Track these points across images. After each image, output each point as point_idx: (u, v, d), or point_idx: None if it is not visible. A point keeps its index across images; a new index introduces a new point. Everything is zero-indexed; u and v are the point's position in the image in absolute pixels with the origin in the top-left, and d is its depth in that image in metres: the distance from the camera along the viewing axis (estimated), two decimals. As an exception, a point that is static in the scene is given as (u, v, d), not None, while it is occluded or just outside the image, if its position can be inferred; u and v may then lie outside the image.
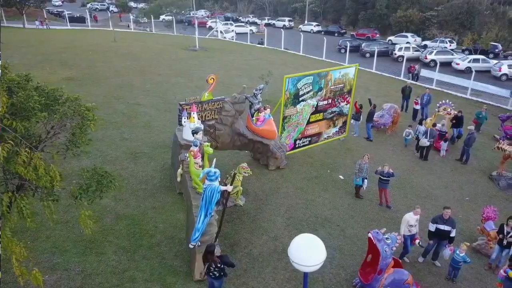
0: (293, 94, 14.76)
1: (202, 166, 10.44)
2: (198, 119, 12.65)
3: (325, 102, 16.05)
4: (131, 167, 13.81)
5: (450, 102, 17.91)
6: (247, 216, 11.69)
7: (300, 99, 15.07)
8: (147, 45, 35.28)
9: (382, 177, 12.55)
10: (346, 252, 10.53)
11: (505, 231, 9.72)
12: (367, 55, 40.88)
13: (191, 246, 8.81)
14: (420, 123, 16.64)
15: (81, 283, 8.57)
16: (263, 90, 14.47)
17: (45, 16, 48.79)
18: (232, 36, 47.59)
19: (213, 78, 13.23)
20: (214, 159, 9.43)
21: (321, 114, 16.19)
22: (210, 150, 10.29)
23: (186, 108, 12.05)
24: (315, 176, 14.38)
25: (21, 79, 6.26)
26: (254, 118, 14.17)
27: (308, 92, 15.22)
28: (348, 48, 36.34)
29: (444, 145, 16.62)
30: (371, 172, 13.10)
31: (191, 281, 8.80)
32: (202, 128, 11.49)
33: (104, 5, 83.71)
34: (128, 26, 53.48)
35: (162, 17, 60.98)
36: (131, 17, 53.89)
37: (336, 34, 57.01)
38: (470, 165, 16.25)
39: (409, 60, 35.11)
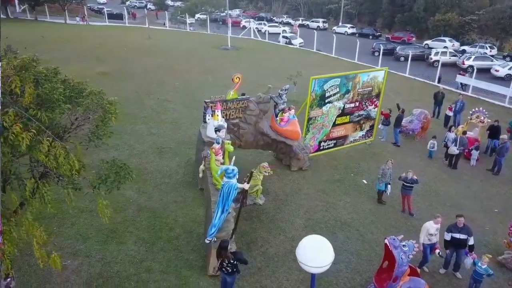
0: (319, 96, 14.70)
1: (223, 163, 10.57)
2: (222, 117, 12.83)
3: (352, 105, 15.88)
4: (156, 161, 14.16)
5: (484, 110, 17.28)
6: (265, 215, 11.75)
7: (326, 100, 14.98)
8: (180, 43, 35.96)
9: (405, 184, 12.30)
10: (363, 257, 10.39)
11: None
12: (402, 58, 39.94)
13: (207, 241, 8.96)
14: (450, 130, 16.14)
15: (100, 270, 8.89)
16: (288, 91, 14.45)
17: (86, 13, 50.56)
18: (301, 43, 43.65)
19: (239, 77, 13.37)
20: (234, 157, 9.56)
21: (348, 117, 16.02)
22: (231, 147, 10.41)
23: (211, 106, 12.24)
24: (337, 179, 14.25)
25: (49, 72, 6.56)
26: (278, 118, 14.20)
27: (334, 94, 15.11)
28: (381, 51, 35.57)
29: (475, 153, 16.06)
30: (395, 178, 12.86)
31: (205, 276, 8.95)
32: (225, 126, 11.63)
33: (142, 2, 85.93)
34: (164, 24, 54.69)
35: (197, 15, 62.02)
36: (166, 15, 54.92)
37: (370, 37, 56.00)
38: (503, 176, 15.62)
39: (446, 65, 34.20)
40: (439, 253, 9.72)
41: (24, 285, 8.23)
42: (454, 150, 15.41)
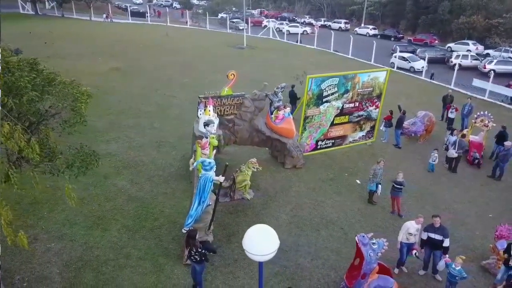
0: (316, 95, 14.74)
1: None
2: (216, 112, 13.10)
3: (352, 105, 15.83)
4: (153, 154, 14.56)
5: (489, 114, 16.88)
6: (252, 210, 11.94)
7: (324, 100, 15.01)
8: (197, 41, 36.51)
9: (395, 185, 12.24)
10: (343, 255, 10.42)
11: (511, 252, 9.15)
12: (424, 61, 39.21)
13: (183, 231, 9.24)
14: (451, 133, 15.87)
15: (81, 254, 9.31)
16: (284, 89, 14.58)
17: (110, 11, 51.93)
18: (423, 66, 33.50)
19: (233, 74, 13.59)
20: (214, 151, 9.79)
21: (347, 116, 15.98)
22: (215, 141, 10.66)
23: (203, 101, 12.52)
24: (330, 178, 14.29)
25: (23, 62, 6.94)
26: (273, 116, 14.35)
27: (332, 94, 15.11)
28: (397, 53, 35.06)
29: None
30: (387, 178, 12.81)
31: (181, 264, 9.22)
32: (214, 121, 11.88)
33: (169, 1, 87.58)
34: (187, 22, 55.60)
35: (220, 14, 62.76)
36: (187, 13, 55.80)
37: (392, 39, 55.12)
38: (505, 182, 15.24)
39: (468, 69, 33.57)
40: (415, 253, 9.67)
41: (7, 264, 8.70)
42: (452, 153, 15.17)
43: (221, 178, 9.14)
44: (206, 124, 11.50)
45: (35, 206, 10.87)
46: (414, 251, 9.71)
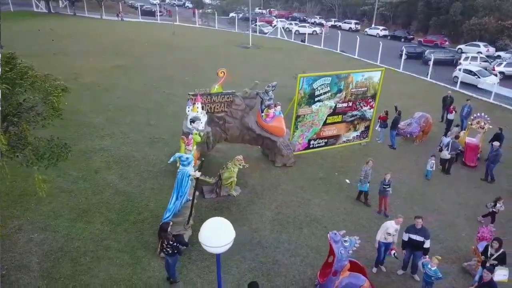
0: (308, 94, 14.79)
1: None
2: (205, 109, 13.27)
3: (345, 104, 15.83)
4: (145, 150, 14.78)
5: (486, 116, 16.68)
6: (237, 206, 12.05)
7: (316, 99, 15.04)
8: (203, 41, 36.77)
9: (384, 185, 12.20)
10: (322, 253, 10.41)
11: (489, 253, 9.08)
12: (430, 62, 38.80)
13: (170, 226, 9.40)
14: (445, 134, 15.72)
15: (62, 245, 9.55)
16: (275, 88, 14.65)
17: (121, 9, 52.60)
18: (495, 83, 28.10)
19: (223, 72, 13.73)
20: (194, 147, 9.94)
21: (340, 116, 15.99)
22: (198, 138, 10.81)
23: (191, 98, 12.67)
24: (320, 177, 14.31)
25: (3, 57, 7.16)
26: (263, 114, 14.44)
27: (325, 93, 15.14)
28: (403, 53, 34.74)
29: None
30: (378, 179, 12.78)
31: (158, 257, 9.37)
32: (200, 118, 12.03)
33: (181, 1, 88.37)
34: (200, 22, 56.06)
35: (231, 14, 62.98)
36: (197, 13, 56.21)
37: (402, 40, 54.62)
38: (500, 185, 15.05)
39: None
40: (394, 254, 9.65)
41: (-11, 252, 8.99)
42: (445, 154, 15.04)
43: (197, 174, 9.29)
44: (192, 121, 11.67)
45: (24, 198, 11.16)
46: (393, 251, 9.70)
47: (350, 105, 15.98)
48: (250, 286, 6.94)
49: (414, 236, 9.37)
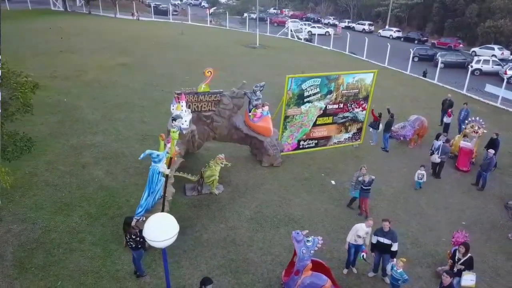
0: (297, 95, 14.85)
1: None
2: (192, 108, 13.48)
3: (336, 106, 15.83)
4: (136, 147, 15.08)
5: (481, 120, 16.41)
6: (216, 204, 12.21)
7: (305, 100, 15.09)
8: (211, 40, 37.09)
9: (363, 187, 12.18)
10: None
11: (456, 258, 9.02)
12: (441, 65, 38.18)
13: (134, 220, 9.63)
14: (437, 138, 15.54)
15: (39, 236, 9.88)
16: (264, 88, 14.75)
17: (134, 8, 53.33)
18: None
19: (210, 71, 13.88)
20: (168, 145, 10.15)
21: (331, 117, 15.99)
22: (176, 135, 10.98)
23: (176, 97, 12.89)
24: (305, 178, 14.35)
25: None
26: (251, 114, 14.56)
27: (314, 94, 15.17)
28: (412, 55, 34.31)
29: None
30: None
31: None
32: (182, 116, 12.23)
33: (198, 0, 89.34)
34: (211, 21, 56.45)
35: (245, 14, 63.15)
36: (208, 12, 56.65)
37: (416, 41, 53.92)
38: (490, 190, 14.78)
39: (489, 74, 32.49)
40: (362, 256, 9.65)
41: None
42: (435, 158, 14.87)
43: (167, 170, 9.47)
44: (174, 119, 11.87)
45: (9, 190, 11.47)
46: (362, 254, 9.70)
47: (341, 106, 15.97)
48: (202, 283, 7.08)
49: (381, 239, 9.37)
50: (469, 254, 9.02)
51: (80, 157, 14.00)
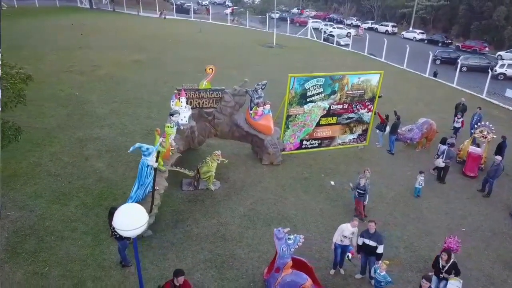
0: (299, 94, 14.81)
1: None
2: (193, 104, 13.65)
3: (340, 106, 15.71)
4: (139, 141, 15.24)
5: (491, 125, 15.94)
6: (211, 200, 12.32)
7: (308, 100, 15.04)
8: (228, 39, 37.30)
9: (358, 190, 11.99)
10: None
11: (440, 265, 8.85)
12: (464, 69, 37.22)
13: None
14: (443, 142, 15.19)
15: (34, 223, 10.24)
16: (265, 86, 14.77)
17: (158, 7, 54.29)
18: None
19: (212, 69, 14.02)
20: (161, 139, 10.33)
21: (335, 118, 15.88)
22: (170, 130, 11.19)
23: (176, 93, 13.08)
24: (304, 177, 14.30)
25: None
26: (252, 112, 14.61)
27: (318, 94, 15.10)
28: (431, 58, 33.52)
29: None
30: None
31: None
32: (179, 112, 12.41)
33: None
34: (233, 20, 56.89)
35: (268, 14, 63.19)
36: (229, 12, 57.02)
37: (439, 44, 52.73)
38: (496, 197, 14.33)
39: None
40: (348, 256, 9.57)
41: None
42: (439, 162, 14.55)
43: (155, 164, 9.65)
44: (171, 114, 12.06)
45: (12, 179, 12.01)
46: (348, 254, 9.61)
47: (346, 107, 15.83)
48: (174, 274, 7.19)
49: (367, 241, 9.26)
50: (452, 260, 8.83)
51: (84, 150, 14.39)
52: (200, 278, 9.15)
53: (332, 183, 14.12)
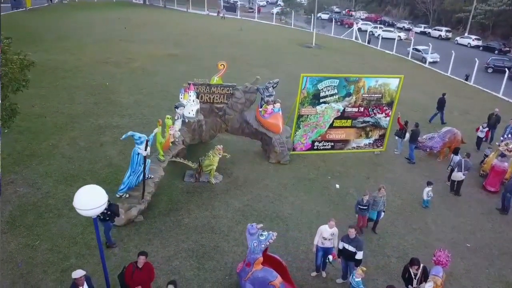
0: (312, 94, 14.69)
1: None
2: (204, 99, 14.00)
3: (355, 109, 15.40)
4: (143, 132, 15.92)
5: (517, 138, 14.92)
6: (210, 193, 12.58)
7: (321, 100, 14.88)
8: (267, 37, 37.46)
9: (360, 206, 11.54)
10: (270, 249, 10.51)
11: (412, 274, 8.51)
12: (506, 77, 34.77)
13: (117, 196, 10.39)
14: (455, 153, 14.43)
15: (38, 199, 11.02)
16: (277, 85, 14.80)
17: (206, 5, 55.62)
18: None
19: (223, 65, 14.26)
20: (156, 129, 10.73)
21: (350, 121, 15.59)
22: (170, 122, 11.55)
23: (185, 87, 13.47)
24: (309, 178, 14.18)
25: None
26: (262, 110, 14.69)
27: (331, 95, 14.91)
28: (476, 66, 31.62)
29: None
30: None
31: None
32: (184, 105, 12.80)
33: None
34: (281, 19, 57.08)
35: (319, 14, 62.80)
36: (275, 11, 57.16)
37: (496, 51, 49.57)
38: (512, 216, 13.46)
39: None
40: (328, 259, 9.42)
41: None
42: (459, 176, 13.73)
43: (143, 152, 10.05)
44: (176, 107, 12.47)
45: (30, 158, 12.97)
46: (329, 256, 9.47)
47: (362, 110, 15.47)
48: (138, 254, 7.49)
49: (347, 246, 9.08)
50: (421, 265, 8.54)
51: (101, 136, 15.19)
52: (178, 265, 9.42)
53: (337, 186, 13.88)
